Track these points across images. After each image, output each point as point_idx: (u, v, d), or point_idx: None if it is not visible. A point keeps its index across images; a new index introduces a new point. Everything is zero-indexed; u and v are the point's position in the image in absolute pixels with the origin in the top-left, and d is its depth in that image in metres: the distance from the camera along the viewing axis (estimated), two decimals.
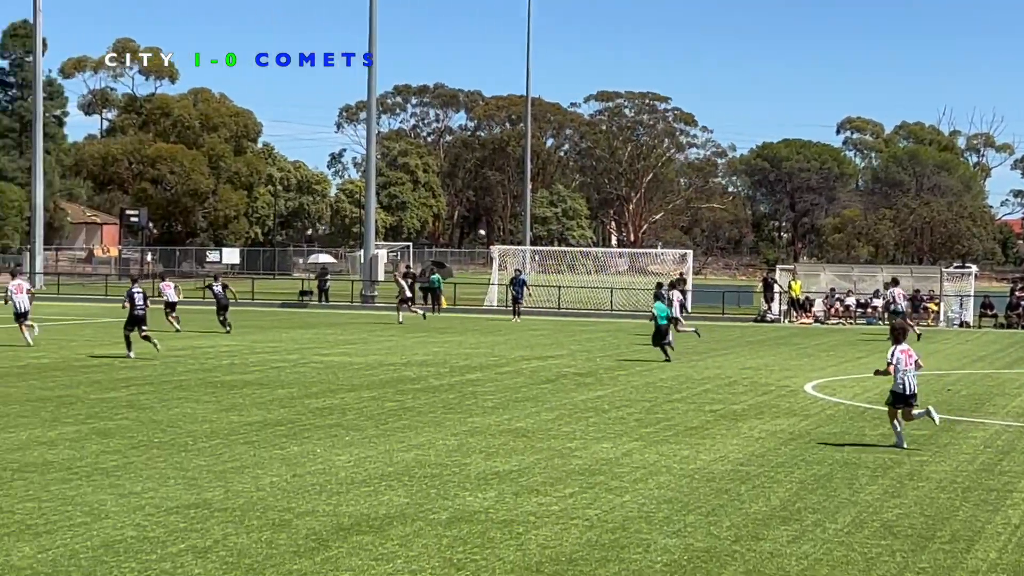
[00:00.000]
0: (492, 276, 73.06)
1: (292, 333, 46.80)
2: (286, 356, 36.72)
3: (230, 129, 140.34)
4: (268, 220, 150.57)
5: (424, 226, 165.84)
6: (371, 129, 77.85)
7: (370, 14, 72.52)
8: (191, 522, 14.60)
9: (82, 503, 15.48)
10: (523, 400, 26.84)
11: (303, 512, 15.23)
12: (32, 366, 32.48)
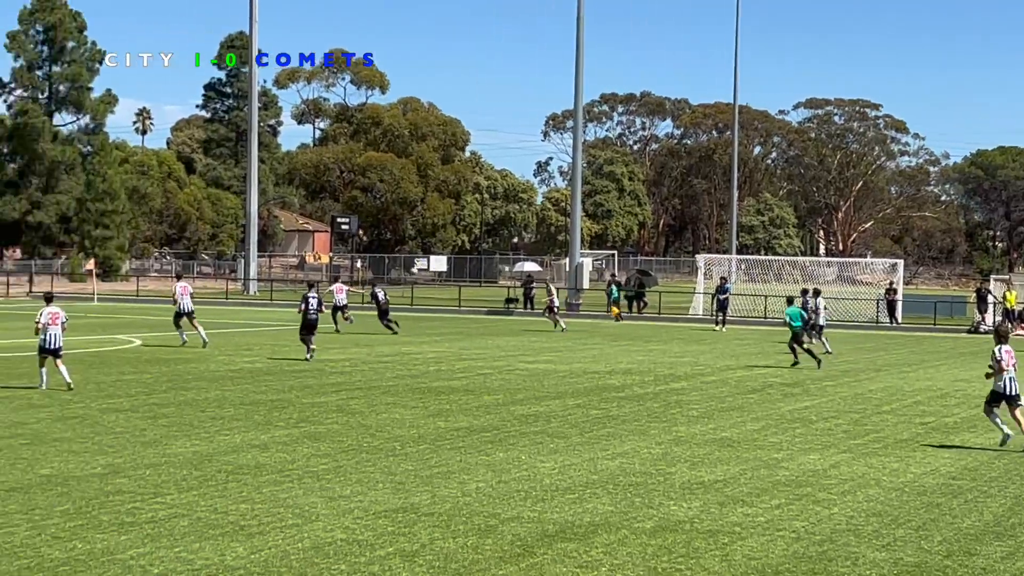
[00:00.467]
0: (697, 285, 72.62)
1: (498, 340, 47.11)
2: (492, 363, 36.98)
3: (439, 138, 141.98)
4: (475, 228, 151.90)
5: (629, 234, 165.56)
6: (577, 138, 78.02)
7: (577, 25, 72.77)
8: (399, 526, 14.79)
9: (293, 505, 15.80)
10: (728, 410, 26.62)
11: (508, 518, 15.32)
12: (245, 370, 33.26)
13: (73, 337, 43.31)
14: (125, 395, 27.00)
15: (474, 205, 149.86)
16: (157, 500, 15.93)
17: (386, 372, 33.41)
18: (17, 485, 16.71)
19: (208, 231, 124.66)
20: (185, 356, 37.13)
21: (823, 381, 33.36)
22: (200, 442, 20.70)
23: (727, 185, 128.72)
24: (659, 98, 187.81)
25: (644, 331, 54.73)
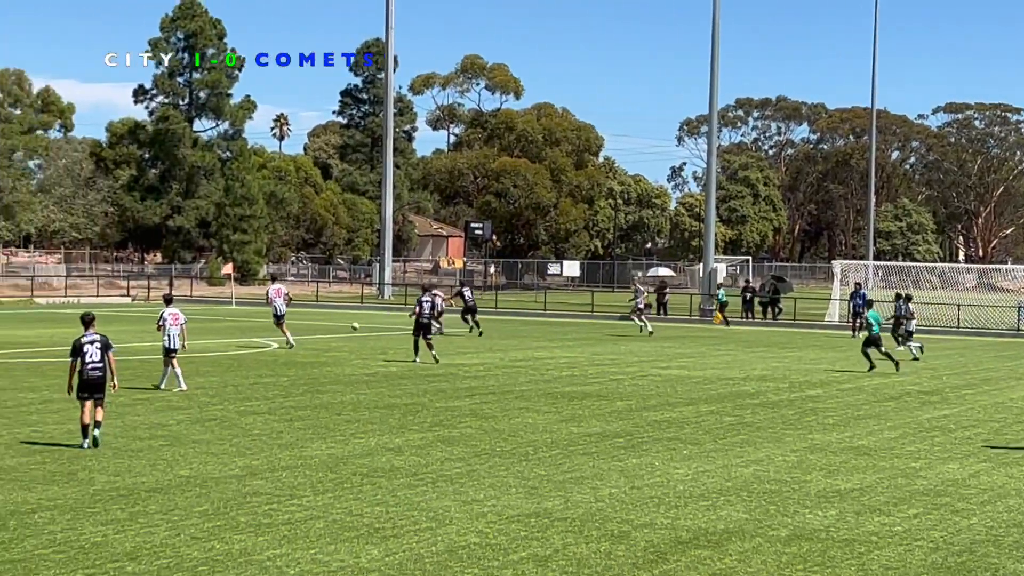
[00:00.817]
0: (833, 291, 71.80)
1: (630, 345, 47.00)
2: (625, 368, 36.90)
3: (572, 143, 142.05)
4: (608, 233, 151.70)
5: (764, 240, 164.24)
6: (712, 143, 77.62)
7: (713, 29, 72.44)
8: (532, 531, 14.81)
9: (427, 509, 15.89)
10: (865, 417, 26.29)
11: (641, 524, 15.27)
12: (380, 374, 33.53)
13: (212, 340, 44.05)
14: (262, 398, 27.36)
15: (607, 210, 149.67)
16: (293, 502, 16.12)
17: (519, 377, 33.49)
18: (157, 486, 17.01)
19: (344, 236, 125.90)
20: (321, 360, 37.54)
21: (962, 389, 32.81)
22: (335, 445, 20.90)
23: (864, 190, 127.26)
24: (795, 102, 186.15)
25: (779, 337, 54.25)
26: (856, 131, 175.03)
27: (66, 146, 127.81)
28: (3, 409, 24.52)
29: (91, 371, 20.28)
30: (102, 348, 20.45)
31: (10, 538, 13.85)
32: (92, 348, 20.35)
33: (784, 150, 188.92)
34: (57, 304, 75.77)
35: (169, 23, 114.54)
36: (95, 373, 20.31)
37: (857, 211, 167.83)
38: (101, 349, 20.43)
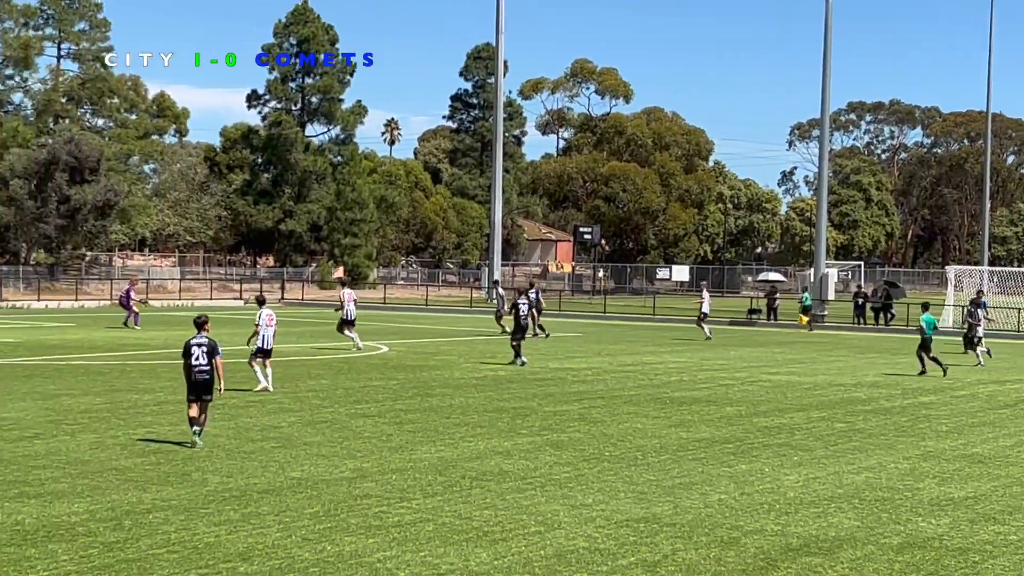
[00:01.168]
0: (947, 297, 70.85)
1: (740, 351, 46.72)
2: (734, 374, 36.69)
3: (682, 147, 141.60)
4: (717, 238, 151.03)
5: (876, 245, 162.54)
6: (824, 147, 76.93)
7: (825, 33, 71.81)
8: (641, 536, 14.78)
9: (536, 512, 15.90)
10: (979, 425, 25.91)
11: (751, 530, 15.18)
12: (489, 378, 33.63)
13: (322, 344, 44.43)
14: (372, 401, 27.55)
15: (717, 215, 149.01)
16: (403, 504, 16.21)
17: (628, 382, 33.42)
18: (269, 487, 17.19)
19: (453, 240, 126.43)
20: (430, 363, 37.73)
21: None
22: (445, 448, 20.99)
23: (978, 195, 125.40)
24: (908, 106, 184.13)
25: (891, 343, 53.61)
26: (971, 135, 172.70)
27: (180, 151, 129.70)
28: (118, 410, 24.92)
29: (198, 374, 20.72)
30: (208, 352, 20.83)
31: (125, 538, 14.07)
32: (199, 351, 20.77)
33: (897, 154, 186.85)
34: (171, 307, 76.87)
35: (282, 29, 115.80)
36: (202, 376, 20.72)
37: (971, 216, 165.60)
38: (208, 353, 20.82)
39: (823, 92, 73.26)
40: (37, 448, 19.98)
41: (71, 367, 34.18)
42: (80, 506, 15.62)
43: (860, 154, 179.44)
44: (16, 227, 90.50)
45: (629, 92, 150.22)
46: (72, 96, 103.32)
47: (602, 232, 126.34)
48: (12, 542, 13.74)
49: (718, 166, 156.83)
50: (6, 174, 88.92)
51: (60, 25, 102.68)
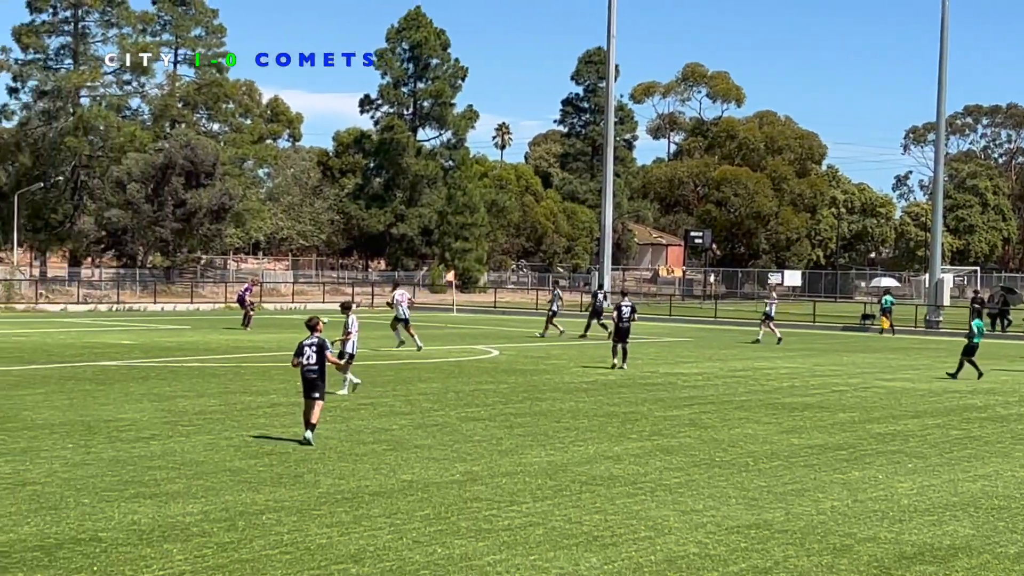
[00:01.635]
0: None
1: (853, 357, 46.25)
2: (847, 380, 36.32)
3: (794, 151, 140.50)
4: (830, 243, 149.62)
5: (993, 250, 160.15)
6: (939, 151, 75.95)
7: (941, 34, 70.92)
8: (752, 542, 14.67)
9: (646, 518, 15.85)
10: None
11: (864, 538, 15.01)
12: (599, 382, 33.58)
13: (434, 347, 44.64)
14: (483, 404, 27.63)
15: (830, 219, 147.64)
16: (513, 508, 16.23)
17: (739, 387, 33.21)
18: (380, 490, 17.29)
19: (563, 244, 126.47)
20: (540, 367, 37.76)
21: None
22: (555, 452, 20.99)
23: None
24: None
25: (1008, 350, 52.79)
26: None
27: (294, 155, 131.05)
28: (232, 412, 25.21)
29: (306, 372, 21.44)
30: (318, 350, 21.44)
31: (239, 538, 14.23)
32: (309, 351, 21.44)
33: (1014, 158, 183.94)
34: (284, 310, 77.66)
35: (395, 34, 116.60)
36: (310, 375, 21.39)
37: None
38: (317, 352, 21.43)
39: (939, 95, 72.36)
40: (153, 449, 20.27)
41: (186, 369, 34.64)
42: (195, 507, 15.82)
43: (976, 158, 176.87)
44: (133, 230, 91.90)
45: (741, 96, 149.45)
46: (188, 101, 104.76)
47: (713, 236, 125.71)
48: (128, 541, 13.95)
49: (831, 170, 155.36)
50: (124, 178, 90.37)
51: (177, 31, 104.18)
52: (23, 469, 18.15)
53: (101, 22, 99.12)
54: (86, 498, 16.17)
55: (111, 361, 36.55)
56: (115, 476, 17.76)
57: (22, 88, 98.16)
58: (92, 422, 23.17)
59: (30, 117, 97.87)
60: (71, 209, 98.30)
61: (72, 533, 14.26)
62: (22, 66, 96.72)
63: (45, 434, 21.56)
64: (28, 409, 24.89)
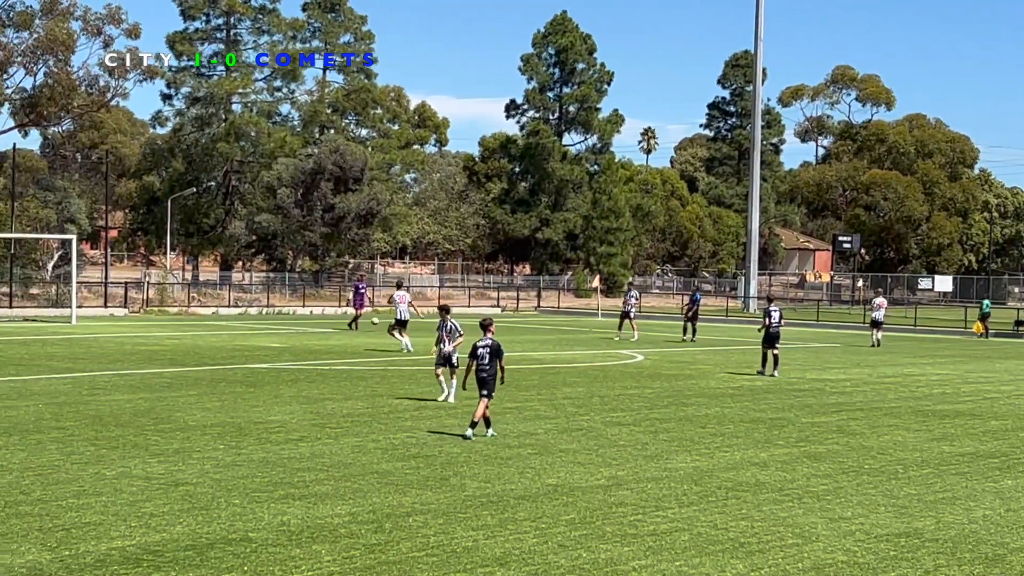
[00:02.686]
0: None
1: (1006, 363, 45.36)
2: (999, 387, 35.65)
3: (945, 155, 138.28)
4: (983, 248, 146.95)
5: None
6: None
7: None
8: (901, 551, 14.47)
9: (793, 525, 15.71)
10: None
11: (1017, 548, 14.73)
12: (745, 388, 33.35)
13: (578, 351, 44.67)
14: (627, 409, 27.58)
15: (982, 224, 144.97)
16: (658, 513, 16.19)
17: (888, 393, 32.76)
18: (526, 493, 17.34)
19: (709, 249, 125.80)
20: (686, 372, 37.60)
21: None
22: (700, 458, 20.89)
23: None
24: None
25: None
26: None
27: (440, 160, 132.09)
28: (379, 415, 25.45)
29: (479, 373, 22.36)
30: (492, 352, 22.33)
31: (386, 540, 14.36)
32: (484, 351, 22.41)
33: None
34: (431, 314, 78.18)
35: (541, 39, 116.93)
36: (482, 374, 22.31)
37: None
38: (491, 353, 22.31)
39: None
40: (302, 451, 20.54)
41: (334, 372, 35.05)
42: (343, 508, 16.00)
43: None
44: (283, 235, 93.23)
45: (891, 99, 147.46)
46: (337, 107, 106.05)
47: (862, 241, 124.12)
48: (278, 542, 14.16)
49: (983, 174, 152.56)
50: (274, 183, 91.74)
51: (326, 37, 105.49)
52: (176, 470, 18.51)
53: (252, 29, 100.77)
54: (237, 499, 16.44)
55: (261, 364, 37.12)
56: (265, 477, 18.04)
57: (175, 95, 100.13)
58: (243, 424, 23.55)
59: (183, 123, 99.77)
60: (223, 214, 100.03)
61: (223, 533, 14.51)
62: (176, 73, 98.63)
63: (197, 435, 21.97)
64: (181, 411, 25.38)
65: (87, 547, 13.67)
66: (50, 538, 14.01)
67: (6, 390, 28.45)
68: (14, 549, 13.48)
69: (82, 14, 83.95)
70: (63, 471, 18.15)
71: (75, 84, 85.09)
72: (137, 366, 35.54)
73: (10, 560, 13.03)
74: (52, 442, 20.81)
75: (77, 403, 26.26)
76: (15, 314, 62.58)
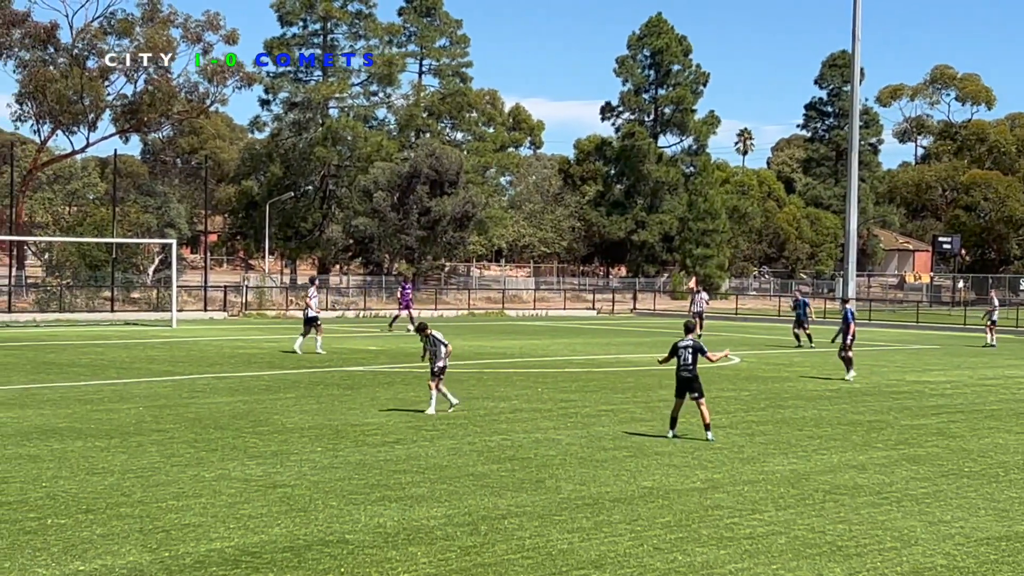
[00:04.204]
0: None
1: None
2: None
3: None
4: None
5: None
6: None
7: None
8: (1002, 554, 14.29)
9: (891, 528, 15.56)
10: None
11: None
12: (843, 390, 33.06)
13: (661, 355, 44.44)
14: (724, 411, 27.45)
15: None
16: (755, 516, 16.10)
17: (989, 396, 32.35)
18: (621, 496, 17.31)
19: (807, 250, 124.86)
20: (783, 375, 37.34)
21: None
22: (797, 461, 20.75)
23: None
24: None
25: None
26: None
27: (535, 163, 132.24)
28: (475, 417, 25.52)
29: (682, 372, 22.85)
30: (694, 352, 22.80)
31: (482, 542, 14.40)
32: (685, 352, 22.83)
33: None
34: (526, 316, 78.31)
35: (636, 41, 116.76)
36: (685, 374, 22.79)
37: None
38: (693, 353, 22.79)
39: None
40: (398, 453, 20.64)
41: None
42: (438, 510, 16.07)
43: None
44: (379, 238, 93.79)
45: (991, 98, 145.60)
46: (433, 111, 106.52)
47: (962, 242, 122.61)
48: (374, 544, 14.24)
49: None
50: (370, 187, 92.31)
51: (422, 42, 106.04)
52: (274, 472, 18.68)
53: (349, 34, 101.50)
54: (334, 501, 16.56)
55: (358, 367, 37.36)
56: (361, 479, 18.15)
57: (273, 100, 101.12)
58: (340, 426, 23.72)
59: (281, 128, 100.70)
60: (320, 217, 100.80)
61: (320, 535, 14.62)
62: (273, 79, 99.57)
63: (295, 438, 22.15)
64: (279, 413, 25.60)
65: (186, 548, 13.84)
66: (150, 539, 14.20)
67: (108, 393, 28.87)
68: (115, 550, 13.68)
69: (182, 21, 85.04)
70: (163, 473, 18.38)
71: (175, 91, 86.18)
72: (236, 369, 35.91)
73: (111, 561, 13.22)
74: (152, 444, 21.08)
75: (177, 406, 26.59)
76: (117, 318, 63.43)
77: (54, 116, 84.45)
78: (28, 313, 63.33)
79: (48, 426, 21.80)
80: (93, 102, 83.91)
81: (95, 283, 70.17)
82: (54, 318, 61.85)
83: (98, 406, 24.93)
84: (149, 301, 71.03)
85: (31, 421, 23.65)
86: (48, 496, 16.52)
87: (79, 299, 68.01)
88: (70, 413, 24.11)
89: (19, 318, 61.07)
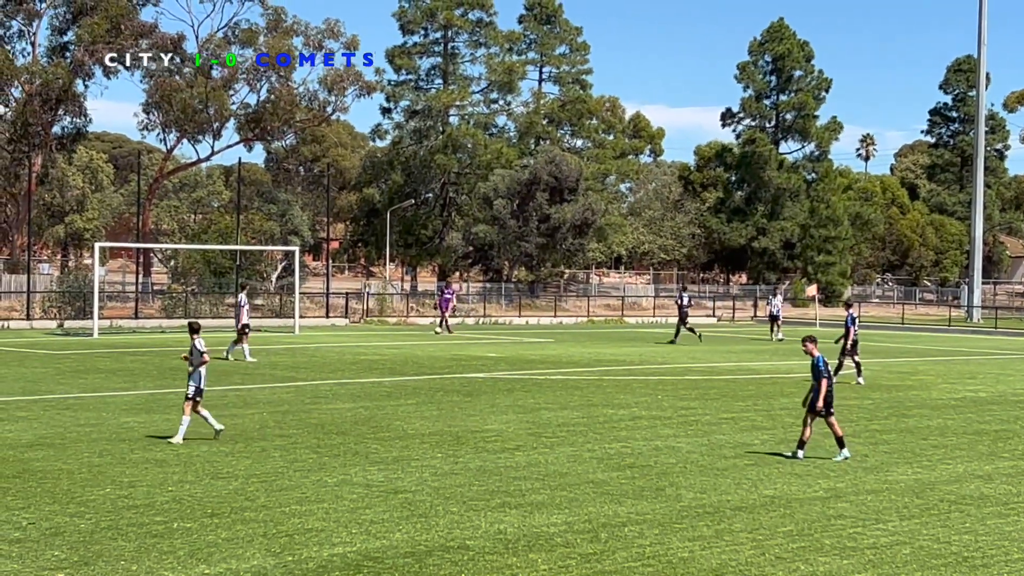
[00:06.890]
0: None
1: None
2: None
3: None
4: None
5: None
6: None
7: None
8: None
9: (1019, 539, 15.31)
10: None
11: None
12: (968, 399, 32.59)
13: (794, 362, 44.08)
14: (847, 420, 27.13)
15: None
16: (878, 526, 15.92)
17: None
18: (742, 504, 17.20)
19: (931, 257, 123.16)
20: (907, 383, 36.87)
21: None
22: (922, 470, 20.48)
23: None
24: None
25: None
26: None
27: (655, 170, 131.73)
28: (594, 424, 25.50)
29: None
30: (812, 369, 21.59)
31: (602, 550, 14.38)
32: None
33: None
34: (646, 324, 78.07)
35: (757, 47, 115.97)
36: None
37: None
38: (811, 369, 21.61)
39: None
40: (518, 460, 20.69)
41: (550, 382, 35.20)
42: (558, 517, 16.08)
43: None
44: (499, 245, 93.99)
45: None
46: (552, 118, 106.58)
47: None
48: (495, 550, 14.28)
49: None
50: (490, 194, 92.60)
51: (542, 49, 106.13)
52: (395, 477, 18.81)
53: (470, 42, 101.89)
54: (454, 507, 16.64)
55: (478, 373, 37.48)
56: (482, 486, 18.21)
57: (395, 108, 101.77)
58: (460, 433, 23.82)
59: (402, 136, 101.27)
60: (440, 225, 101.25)
61: (441, 541, 14.70)
62: (395, 87, 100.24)
63: (416, 444, 22.29)
64: (400, 419, 25.77)
65: (309, 553, 13.98)
66: (274, 544, 14.36)
67: (232, 398, 29.25)
68: (240, 554, 13.85)
69: (303, 30, 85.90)
70: (286, 478, 18.58)
71: (296, 99, 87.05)
72: (357, 375, 36.20)
73: (236, 565, 13.39)
74: (276, 449, 21.33)
75: (299, 411, 26.87)
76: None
77: (180, 125, 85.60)
78: (154, 319, 64.32)
79: (174, 431, 22.13)
80: (217, 111, 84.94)
81: (219, 290, 71.13)
82: (179, 324, 62.78)
83: (223, 411, 25.25)
84: (272, 307, 71.81)
85: (157, 426, 24.04)
86: (174, 500, 16.77)
87: (204, 305, 68.95)
88: (195, 418, 24.47)
89: (145, 324, 62.06)
